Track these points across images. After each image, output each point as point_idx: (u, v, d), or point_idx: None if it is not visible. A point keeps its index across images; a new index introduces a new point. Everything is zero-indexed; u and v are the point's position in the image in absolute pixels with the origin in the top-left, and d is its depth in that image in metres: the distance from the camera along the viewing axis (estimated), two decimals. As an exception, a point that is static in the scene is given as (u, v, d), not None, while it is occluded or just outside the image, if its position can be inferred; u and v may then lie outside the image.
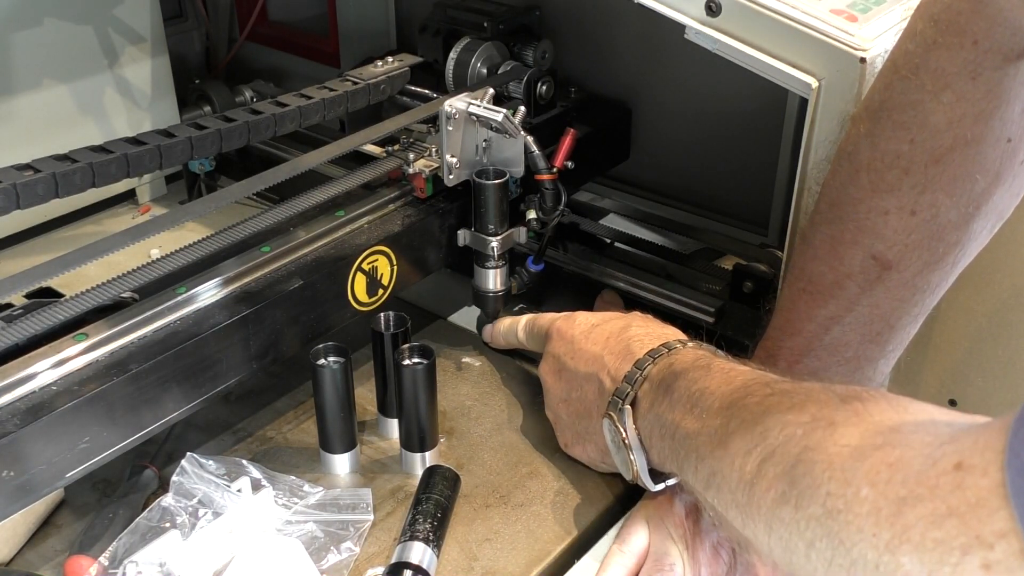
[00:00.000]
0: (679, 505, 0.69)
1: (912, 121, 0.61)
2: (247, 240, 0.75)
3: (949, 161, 0.61)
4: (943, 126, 0.60)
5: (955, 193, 0.62)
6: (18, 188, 0.64)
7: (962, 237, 0.64)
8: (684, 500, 0.69)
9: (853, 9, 0.70)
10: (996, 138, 0.60)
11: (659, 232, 1.07)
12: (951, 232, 0.64)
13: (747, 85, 0.80)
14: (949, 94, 0.59)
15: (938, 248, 0.64)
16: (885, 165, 0.63)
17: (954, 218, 0.63)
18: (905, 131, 0.62)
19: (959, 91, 0.59)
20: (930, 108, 0.60)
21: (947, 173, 0.61)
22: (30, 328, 0.64)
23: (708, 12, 0.72)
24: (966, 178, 0.62)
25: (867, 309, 0.67)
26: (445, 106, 0.81)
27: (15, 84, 0.99)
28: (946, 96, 0.59)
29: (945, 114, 0.60)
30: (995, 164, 0.61)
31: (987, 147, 0.60)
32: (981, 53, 0.58)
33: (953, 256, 0.65)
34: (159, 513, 0.69)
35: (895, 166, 0.63)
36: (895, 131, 0.62)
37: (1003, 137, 0.60)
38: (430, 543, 0.67)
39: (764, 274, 0.87)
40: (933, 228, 0.63)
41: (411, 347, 0.74)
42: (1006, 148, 0.61)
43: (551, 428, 0.82)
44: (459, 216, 0.86)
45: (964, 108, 0.59)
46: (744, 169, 1.01)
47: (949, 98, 0.59)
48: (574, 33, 1.04)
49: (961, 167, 0.61)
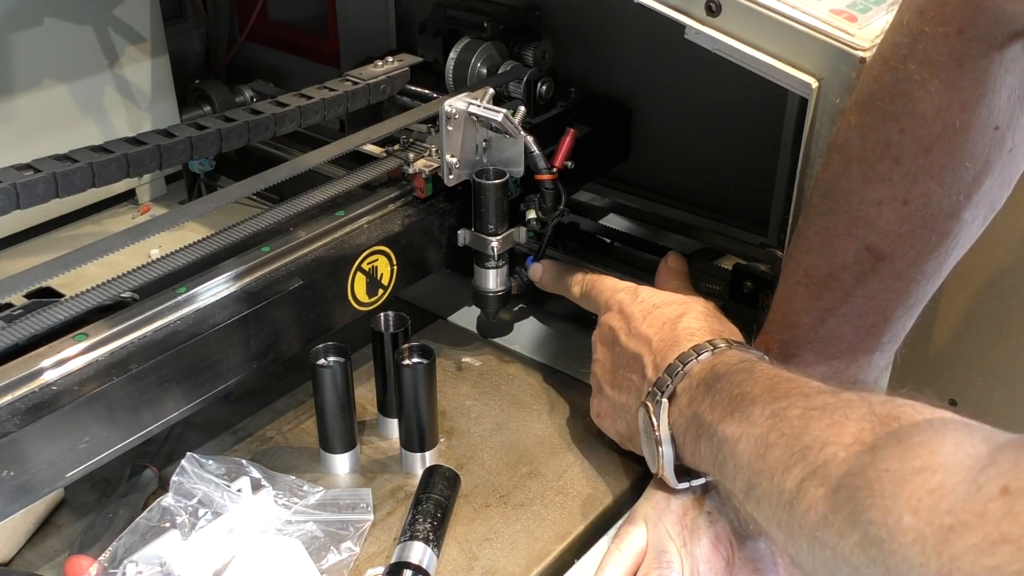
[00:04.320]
0: (676, 503, 0.69)
1: (901, 111, 0.62)
2: (247, 240, 0.75)
3: (938, 150, 0.61)
4: (931, 115, 0.61)
5: (945, 181, 0.63)
6: (18, 188, 0.64)
7: (954, 226, 0.65)
8: (681, 498, 0.69)
9: (853, 9, 0.70)
10: (984, 126, 0.61)
11: (659, 232, 1.07)
12: (943, 221, 0.64)
13: (747, 85, 0.80)
14: (936, 83, 0.60)
15: (931, 237, 0.65)
16: (876, 155, 0.63)
17: (946, 207, 0.63)
18: (894, 121, 0.62)
19: (946, 80, 0.59)
20: (918, 97, 0.61)
21: (937, 162, 0.62)
22: (30, 328, 0.64)
23: (708, 12, 0.72)
24: (956, 166, 0.62)
25: (862, 300, 0.67)
26: (445, 106, 0.81)
27: (15, 84, 1.00)
28: (933, 85, 0.60)
29: (933, 103, 0.60)
30: (984, 152, 0.62)
31: (975, 135, 0.61)
32: (967, 41, 0.58)
33: (946, 246, 0.65)
34: (159, 513, 0.69)
35: (886, 156, 0.63)
36: (884, 121, 0.63)
37: (990, 125, 0.61)
38: (430, 543, 0.67)
39: (764, 274, 0.87)
40: (925, 217, 0.64)
41: (411, 347, 0.74)
42: (994, 136, 0.61)
43: (551, 428, 0.82)
44: (459, 216, 0.86)
45: (951, 96, 0.60)
46: (744, 169, 1.01)
47: (936, 87, 0.60)
48: (574, 33, 1.04)
49: (950, 155, 0.62)
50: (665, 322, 0.73)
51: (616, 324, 0.76)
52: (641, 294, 0.77)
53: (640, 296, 0.77)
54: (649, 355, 0.71)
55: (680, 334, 0.71)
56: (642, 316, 0.75)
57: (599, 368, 0.78)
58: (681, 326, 0.72)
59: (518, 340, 0.94)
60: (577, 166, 0.90)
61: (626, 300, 0.77)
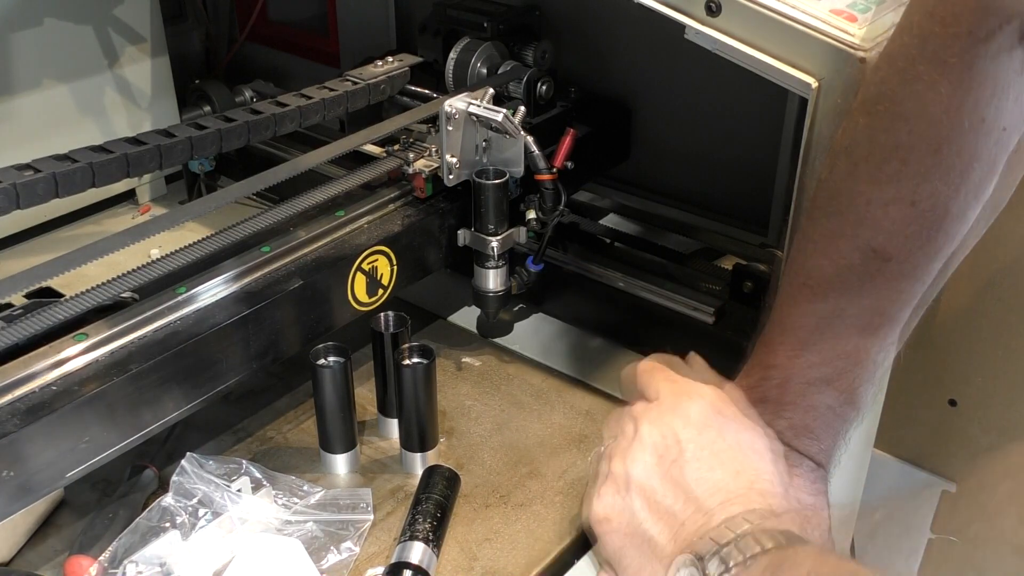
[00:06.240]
0: None
1: (910, 112, 0.62)
2: (247, 240, 0.75)
3: (947, 151, 0.61)
4: (940, 116, 0.61)
5: (953, 182, 0.62)
6: (18, 188, 0.64)
7: (961, 227, 0.65)
8: None
9: (853, 9, 0.70)
10: (992, 127, 0.61)
11: (659, 232, 1.07)
12: (950, 222, 0.64)
13: (747, 85, 0.80)
14: (946, 84, 0.60)
15: (937, 238, 0.65)
16: (884, 157, 0.63)
17: (953, 208, 0.63)
18: (903, 122, 0.62)
19: (955, 81, 0.59)
20: (928, 98, 0.61)
21: (945, 163, 0.62)
22: (30, 328, 0.64)
23: (708, 12, 0.72)
24: (964, 167, 0.62)
25: (867, 302, 0.67)
26: (445, 106, 0.81)
27: (15, 84, 1.00)
28: (943, 86, 0.60)
29: (942, 104, 0.60)
30: (991, 153, 0.62)
31: (984, 136, 0.61)
32: (976, 43, 0.58)
33: (952, 246, 0.65)
34: (159, 513, 0.69)
35: (894, 157, 0.63)
36: (893, 122, 0.62)
37: (998, 126, 0.61)
38: (430, 543, 0.67)
39: (764, 274, 0.87)
40: (933, 219, 0.64)
41: (411, 347, 0.74)
42: (1001, 136, 0.61)
43: (551, 428, 0.82)
44: (459, 216, 0.86)
45: (960, 97, 0.60)
46: (744, 169, 1.00)
47: (946, 88, 0.60)
48: (574, 33, 1.04)
49: (959, 156, 0.62)
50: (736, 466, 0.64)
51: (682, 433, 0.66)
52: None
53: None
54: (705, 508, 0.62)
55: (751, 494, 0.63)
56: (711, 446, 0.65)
57: (639, 466, 0.66)
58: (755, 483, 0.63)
59: (518, 340, 0.94)
60: (577, 166, 0.90)
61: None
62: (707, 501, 0.62)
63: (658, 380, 0.71)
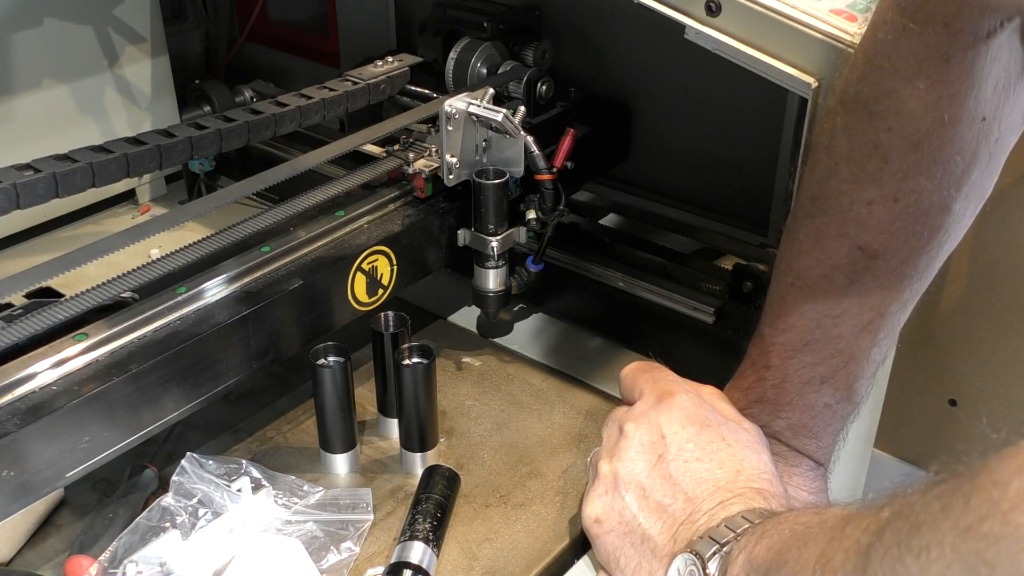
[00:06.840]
0: None
1: (888, 110, 0.61)
2: (247, 240, 0.75)
3: (927, 146, 0.61)
4: (919, 112, 0.60)
5: (935, 176, 0.62)
6: (18, 188, 0.64)
7: (946, 220, 0.64)
8: None
9: (853, 9, 0.70)
10: (971, 118, 0.60)
11: (659, 232, 1.07)
12: (934, 216, 0.64)
13: (747, 85, 0.80)
14: (923, 79, 0.59)
15: (923, 233, 0.64)
16: (864, 156, 0.63)
17: (936, 202, 0.63)
18: (882, 120, 0.62)
19: (933, 75, 0.59)
20: (905, 95, 0.60)
21: (926, 157, 0.61)
22: (30, 328, 0.64)
23: (708, 12, 0.72)
24: (945, 161, 0.62)
25: (857, 299, 0.67)
26: (445, 106, 0.81)
27: (15, 84, 1.00)
28: (920, 81, 0.59)
29: (920, 99, 0.60)
30: (972, 144, 0.61)
31: (963, 128, 0.60)
32: (952, 35, 0.57)
33: (938, 239, 0.65)
34: (159, 513, 0.69)
35: (874, 155, 0.63)
36: (871, 121, 0.62)
37: (978, 116, 0.60)
38: (430, 543, 0.67)
39: (764, 274, 0.87)
40: (916, 214, 0.63)
41: (411, 347, 0.74)
42: (981, 127, 0.61)
43: (551, 428, 0.82)
44: (459, 216, 0.86)
45: (939, 91, 0.59)
46: (744, 169, 1.00)
47: (924, 83, 0.59)
48: (574, 33, 1.04)
49: (940, 150, 0.61)
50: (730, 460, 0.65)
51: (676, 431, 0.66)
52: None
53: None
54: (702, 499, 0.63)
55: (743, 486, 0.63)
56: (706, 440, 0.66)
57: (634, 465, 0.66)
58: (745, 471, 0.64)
59: (518, 340, 0.94)
60: (577, 166, 0.90)
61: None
62: (706, 500, 0.62)
63: (641, 381, 0.71)
